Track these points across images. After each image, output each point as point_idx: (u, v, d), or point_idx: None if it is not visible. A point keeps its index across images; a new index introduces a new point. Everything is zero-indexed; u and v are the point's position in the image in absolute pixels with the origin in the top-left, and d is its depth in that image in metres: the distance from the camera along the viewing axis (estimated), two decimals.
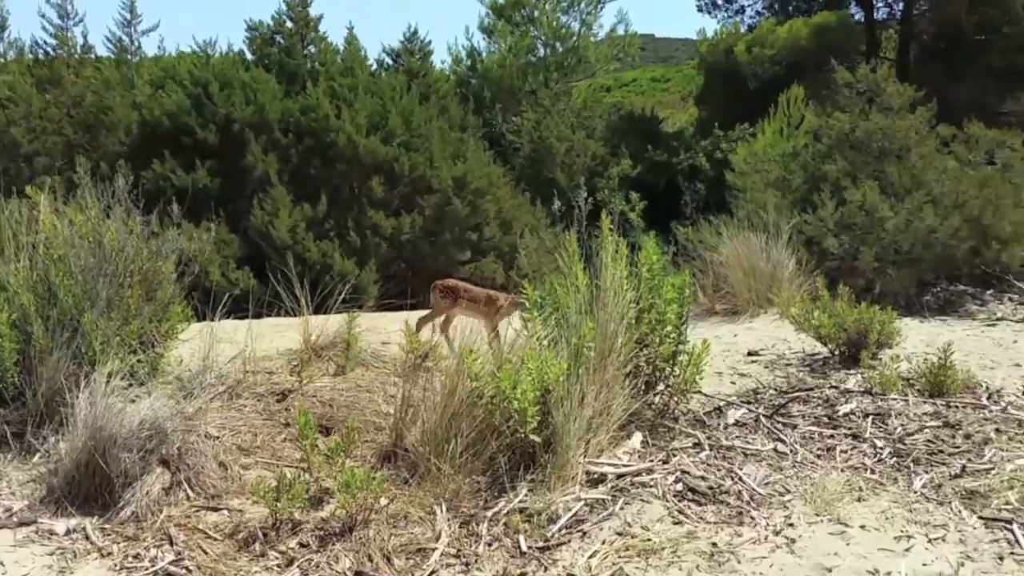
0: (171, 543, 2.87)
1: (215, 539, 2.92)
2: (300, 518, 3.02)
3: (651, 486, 3.08)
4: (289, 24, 13.18)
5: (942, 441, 3.67)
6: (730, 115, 15.19)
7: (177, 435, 3.32)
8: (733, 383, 5.10)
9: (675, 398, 3.86)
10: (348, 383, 4.47)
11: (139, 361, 3.96)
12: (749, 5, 19.79)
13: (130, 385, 3.49)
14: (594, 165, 15.94)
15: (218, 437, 3.62)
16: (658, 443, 3.63)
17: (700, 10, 19.54)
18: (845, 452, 3.64)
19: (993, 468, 3.31)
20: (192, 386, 4.01)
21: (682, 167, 14.61)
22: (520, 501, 3.03)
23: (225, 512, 3.14)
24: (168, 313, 4.38)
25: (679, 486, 3.09)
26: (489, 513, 2.97)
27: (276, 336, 5.92)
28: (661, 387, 3.92)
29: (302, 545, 2.85)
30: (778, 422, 3.97)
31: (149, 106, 11.48)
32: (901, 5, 17.70)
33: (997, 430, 3.76)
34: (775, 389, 4.65)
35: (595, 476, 3.20)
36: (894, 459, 3.51)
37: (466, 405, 3.30)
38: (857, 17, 18.46)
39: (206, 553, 2.82)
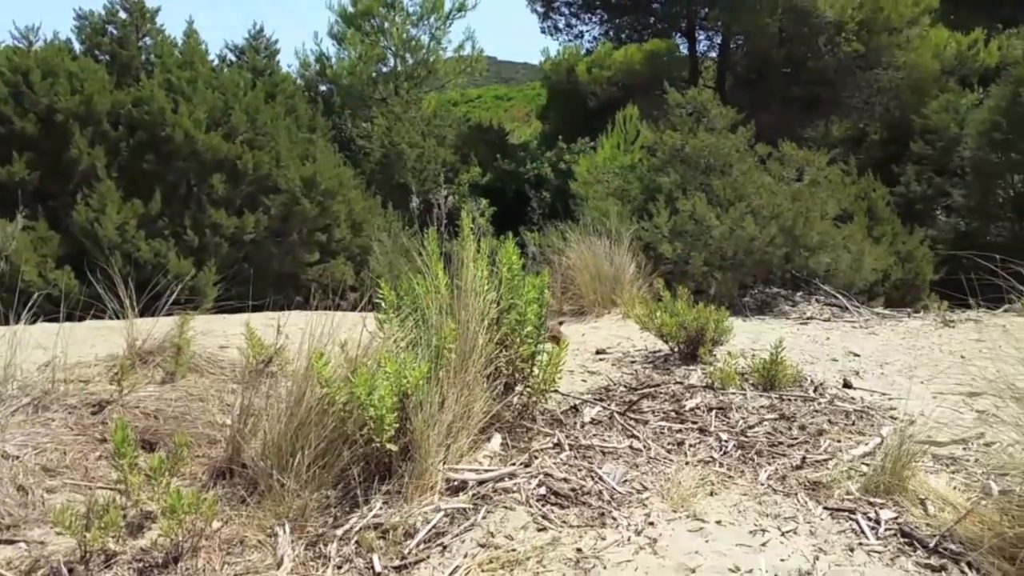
0: None
1: None
2: (115, 548, 2.52)
3: (514, 491, 2.82)
4: (123, 14, 11.94)
5: (780, 433, 3.69)
6: (572, 129, 15.46)
7: None
8: (584, 381, 4.99)
9: (534, 398, 3.64)
10: (178, 391, 3.91)
11: None
12: (587, 30, 20.35)
13: None
14: (445, 172, 15.69)
15: (18, 457, 3.00)
16: (518, 445, 3.39)
17: (543, 32, 19.84)
18: (694, 446, 3.57)
19: (831, 459, 3.34)
20: None
21: (528, 176, 14.68)
22: (374, 516, 2.67)
23: (22, 545, 2.56)
24: None
25: (542, 490, 2.86)
26: (339, 531, 2.60)
27: (98, 340, 5.21)
28: (520, 388, 3.69)
29: None
30: (631, 418, 3.85)
31: None
32: (720, 39, 18.81)
33: (829, 421, 3.83)
34: (625, 386, 4.57)
35: (456, 484, 2.90)
36: (739, 451, 3.48)
37: (315, 413, 2.90)
38: (683, 47, 19.42)
39: None
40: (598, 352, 5.93)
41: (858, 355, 5.85)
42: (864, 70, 16.23)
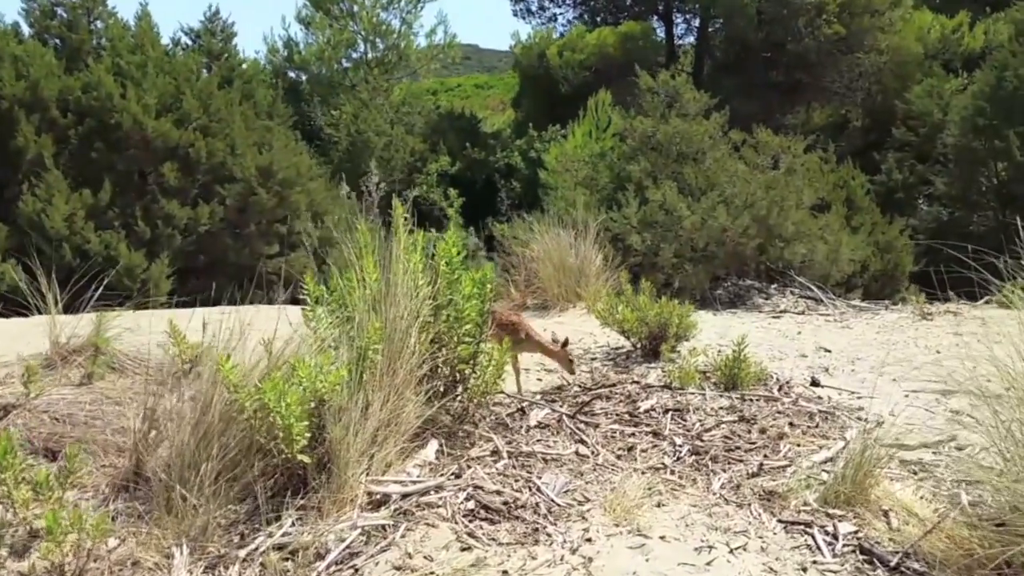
0: None
1: None
2: None
3: (439, 506, 2.63)
4: None
5: (738, 437, 3.53)
6: (544, 117, 15.23)
7: None
8: (540, 380, 4.81)
9: (475, 401, 3.45)
10: (94, 394, 3.68)
11: None
12: (561, 13, 20.05)
13: None
14: (413, 161, 15.40)
15: None
16: (455, 452, 3.20)
17: (516, 15, 19.52)
18: (646, 451, 3.40)
19: (790, 465, 3.17)
20: None
21: (499, 165, 14.43)
22: (284, 534, 2.47)
23: None
24: None
25: (471, 504, 2.66)
26: (243, 552, 2.40)
27: (36, 336, 4.93)
28: (460, 390, 3.49)
29: None
30: (581, 421, 3.68)
31: None
32: (698, 21, 18.62)
33: (791, 424, 3.67)
34: (580, 385, 4.39)
35: (378, 497, 2.70)
36: (693, 457, 3.31)
37: (223, 421, 2.69)
38: (660, 31, 19.22)
39: None
40: None
41: (829, 351, 5.71)
42: (845, 54, 16.12)
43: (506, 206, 9.44)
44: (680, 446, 3.42)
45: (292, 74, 23.90)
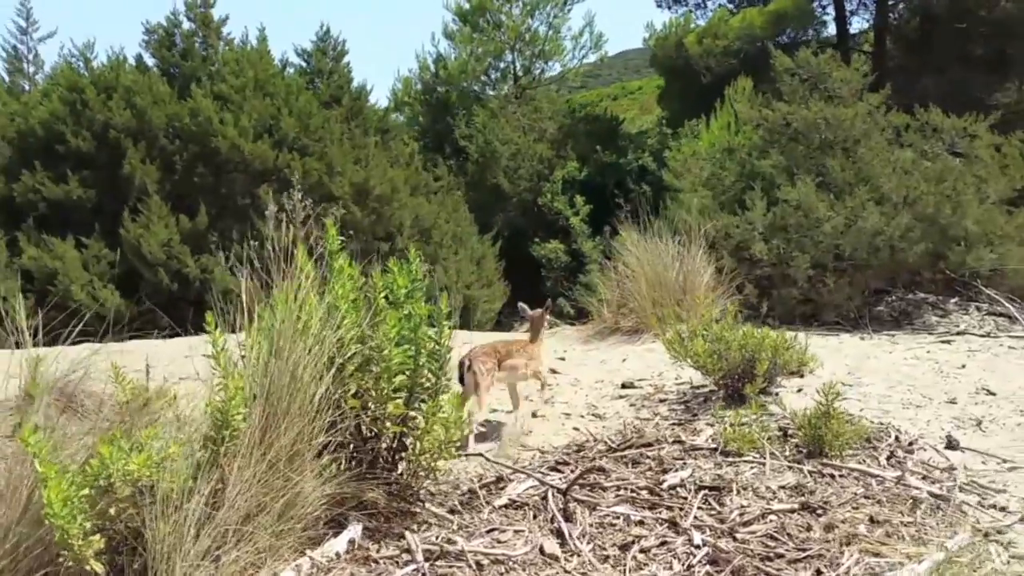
0: None
1: None
2: None
3: None
4: (187, 25, 12.08)
5: (788, 536, 2.53)
6: (687, 112, 14.09)
7: None
8: (576, 429, 3.97)
9: (418, 473, 2.72)
10: (15, 445, 3.34)
11: None
12: None
13: None
14: (541, 168, 14.84)
15: None
16: (367, 550, 2.49)
17: (659, 5, 18.30)
18: (647, 552, 2.51)
19: None
20: None
21: (631, 168, 13.50)
22: None
23: None
24: None
25: None
26: None
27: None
28: (400, 458, 2.79)
29: None
30: (574, 499, 2.83)
31: (24, 115, 10.45)
32: None
33: (872, 519, 2.61)
34: (606, 442, 3.51)
35: None
36: (708, 568, 2.38)
37: (37, 506, 2.19)
38: (828, 7, 17.31)
39: None
40: (624, 386, 4.86)
41: (994, 394, 4.38)
42: None
43: (624, 213, 8.47)
44: (698, 547, 2.50)
45: (439, 88, 24.31)
